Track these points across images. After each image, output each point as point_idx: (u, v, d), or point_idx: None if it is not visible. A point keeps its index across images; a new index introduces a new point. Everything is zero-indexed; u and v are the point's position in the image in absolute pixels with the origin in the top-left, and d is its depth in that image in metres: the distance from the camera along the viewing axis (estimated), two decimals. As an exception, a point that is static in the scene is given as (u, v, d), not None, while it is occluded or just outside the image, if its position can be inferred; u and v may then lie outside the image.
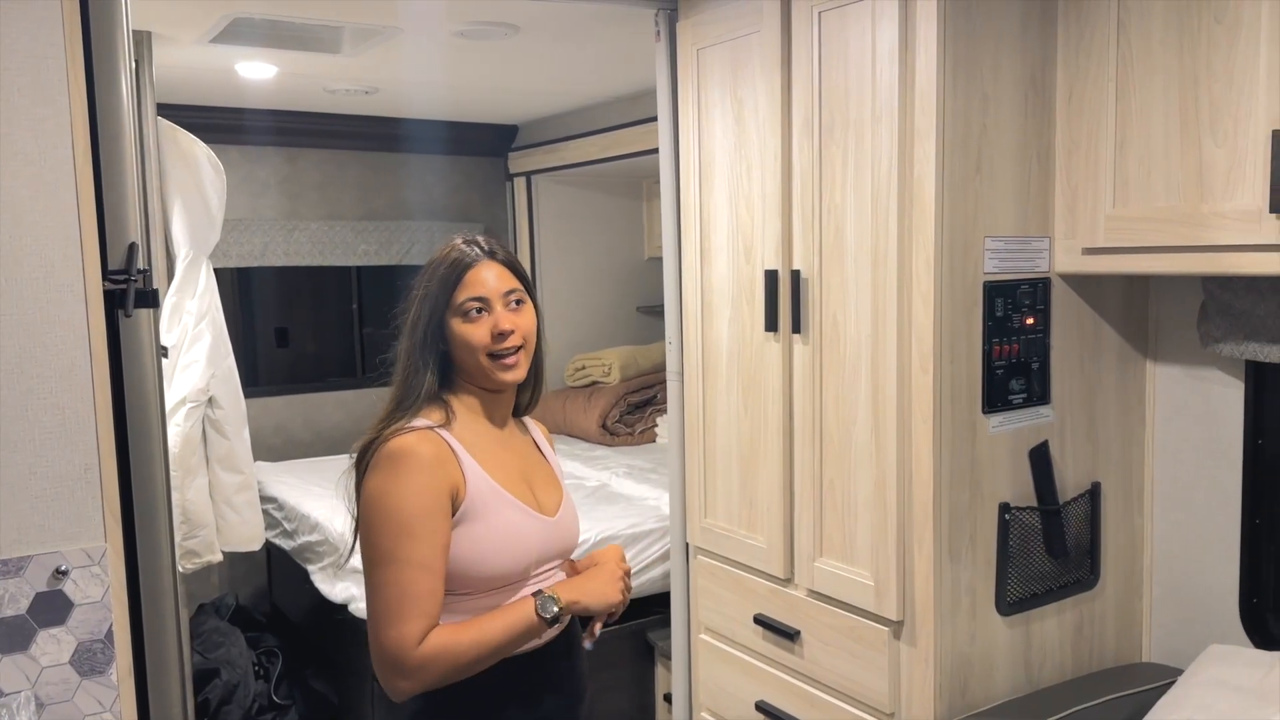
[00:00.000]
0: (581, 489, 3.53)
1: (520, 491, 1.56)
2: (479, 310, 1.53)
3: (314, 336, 4.86)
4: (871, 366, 1.96)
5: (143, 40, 2.70)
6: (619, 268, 4.74)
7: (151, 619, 1.48)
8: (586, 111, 4.19)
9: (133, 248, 1.43)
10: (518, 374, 1.57)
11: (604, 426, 4.15)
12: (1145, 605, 2.21)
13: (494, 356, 1.53)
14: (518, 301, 1.57)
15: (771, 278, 2.16)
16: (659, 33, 2.45)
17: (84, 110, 1.38)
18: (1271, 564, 2.04)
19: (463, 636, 1.41)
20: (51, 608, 1.37)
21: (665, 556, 2.99)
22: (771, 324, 2.18)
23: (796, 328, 2.12)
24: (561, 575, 1.62)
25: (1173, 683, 1.94)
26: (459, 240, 1.59)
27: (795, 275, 2.11)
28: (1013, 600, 1.99)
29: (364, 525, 1.45)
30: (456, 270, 1.54)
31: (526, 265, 4.74)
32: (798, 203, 2.11)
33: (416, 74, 3.43)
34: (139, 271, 1.43)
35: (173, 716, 1.51)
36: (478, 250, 1.57)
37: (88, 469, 1.38)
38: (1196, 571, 2.12)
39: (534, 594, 1.49)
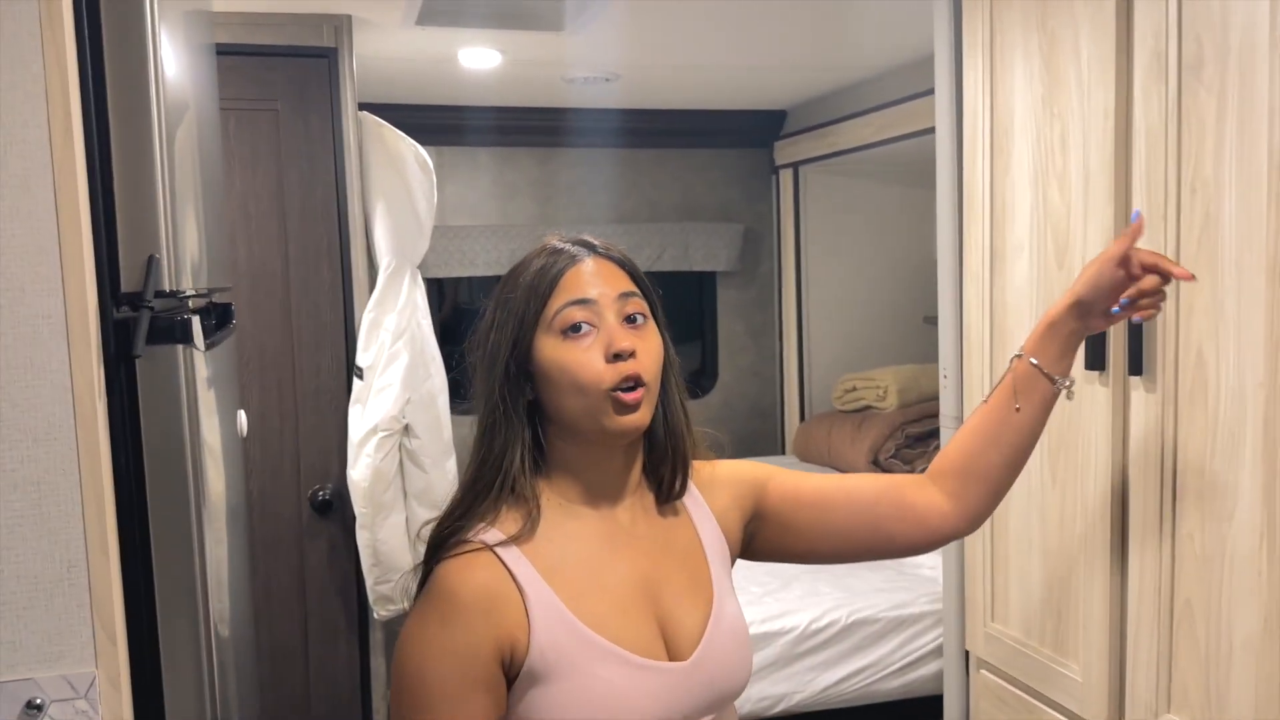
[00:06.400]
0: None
1: (628, 626, 1.05)
2: (583, 325, 1.05)
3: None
4: (1263, 432, 1.24)
5: (341, 25, 2.42)
6: (900, 271, 4.03)
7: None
8: (861, 87, 3.56)
9: (151, 262, 1.04)
10: (641, 418, 1.05)
11: (875, 462, 3.49)
12: None
13: (609, 391, 1.03)
14: (638, 316, 1.08)
15: (1096, 292, 1.48)
16: (935, -43, 1.83)
17: (64, 77, 0.98)
18: None
19: None
20: (20, 753, 1.01)
21: (939, 651, 2.33)
22: (1096, 360, 1.49)
23: (1136, 367, 1.43)
24: None
25: None
26: (553, 238, 1.11)
27: (1134, 288, 1.42)
28: None
29: (392, 668, 1.10)
30: (550, 272, 1.06)
31: (790, 270, 4.18)
32: (1141, 181, 1.42)
33: (650, 51, 2.99)
34: (160, 294, 1.04)
35: None
36: (579, 247, 1.09)
37: (71, 568, 1.00)
38: None
39: None
